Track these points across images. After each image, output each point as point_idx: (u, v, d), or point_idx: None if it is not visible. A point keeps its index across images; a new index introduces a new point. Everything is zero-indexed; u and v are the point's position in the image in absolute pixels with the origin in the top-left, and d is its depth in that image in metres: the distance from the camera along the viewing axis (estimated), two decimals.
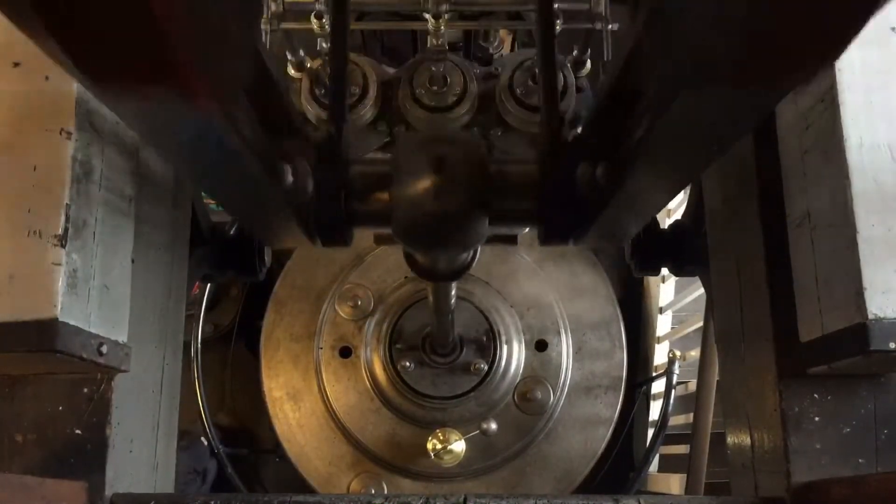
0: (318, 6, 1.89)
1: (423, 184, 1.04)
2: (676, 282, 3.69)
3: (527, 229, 1.32)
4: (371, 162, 1.19)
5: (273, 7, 1.97)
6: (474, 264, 1.44)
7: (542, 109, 1.23)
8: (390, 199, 1.08)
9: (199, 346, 3.40)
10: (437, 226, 1.08)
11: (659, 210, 1.73)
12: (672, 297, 3.73)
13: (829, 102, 1.31)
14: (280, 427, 3.35)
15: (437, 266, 1.46)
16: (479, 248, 1.31)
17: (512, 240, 1.40)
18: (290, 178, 1.03)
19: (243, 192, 0.96)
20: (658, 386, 3.64)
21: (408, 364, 3.18)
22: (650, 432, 3.57)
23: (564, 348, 3.35)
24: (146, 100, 0.61)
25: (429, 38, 2.02)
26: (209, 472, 3.47)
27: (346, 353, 3.32)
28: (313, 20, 1.90)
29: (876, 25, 1.30)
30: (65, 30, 0.50)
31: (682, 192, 3.68)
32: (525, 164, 1.16)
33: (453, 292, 2.17)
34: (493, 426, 3.15)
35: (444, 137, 1.15)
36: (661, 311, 3.78)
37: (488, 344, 3.22)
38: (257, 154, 0.87)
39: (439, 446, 3.06)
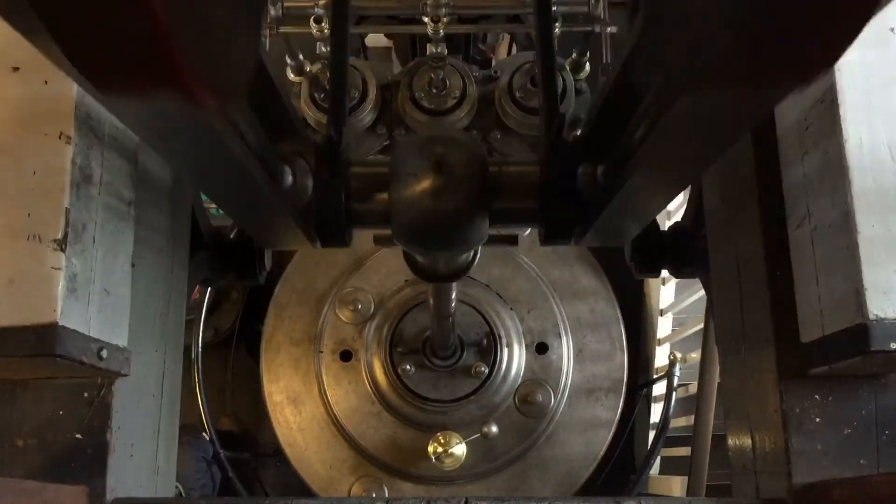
0: (317, 10, 1.89)
1: (423, 184, 1.04)
2: (677, 284, 3.69)
3: (528, 230, 1.32)
4: (370, 163, 1.19)
5: (273, 11, 1.97)
6: (474, 265, 1.43)
7: (541, 109, 1.23)
8: (389, 200, 1.07)
9: (200, 350, 3.40)
10: (437, 226, 1.07)
11: (659, 211, 1.72)
12: (672, 299, 3.73)
13: (829, 103, 1.31)
14: (281, 431, 3.35)
15: (437, 267, 1.45)
16: (479, 249, 1.31)
17: (513, 240, 1.40)
18: (289, 180, 1.03)
19: (243, 193, 0.96)
20: (659, 388, 3.64)
21: (408, 367, 3.18)
22: (651, 435, 3.57)
23: (565, 351, 3.35)
24: (147, 102, 0.61)
25: (428, 44, 2.02)
26: (213, 465, 3.47)
27: (346, 356, 3.32)
28: (313, 24, 1.90)
29: (875, 26, 1.30)
30: (64, 31, 0.50)
31: (682, 194, 3.69)
32: (526, 164, 1.16)
33: (454, 294, 2.17)
34: (494, 429, 3.14)
35: (443, 137, 1.14)
36: (661, 313, 3.78)
37: (489, 347, 3.22)
38: (257, 156, 0.87)
39: (440, 450, 3.06)
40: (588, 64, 2.14)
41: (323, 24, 1.89)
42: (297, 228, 1.09)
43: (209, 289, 3.53)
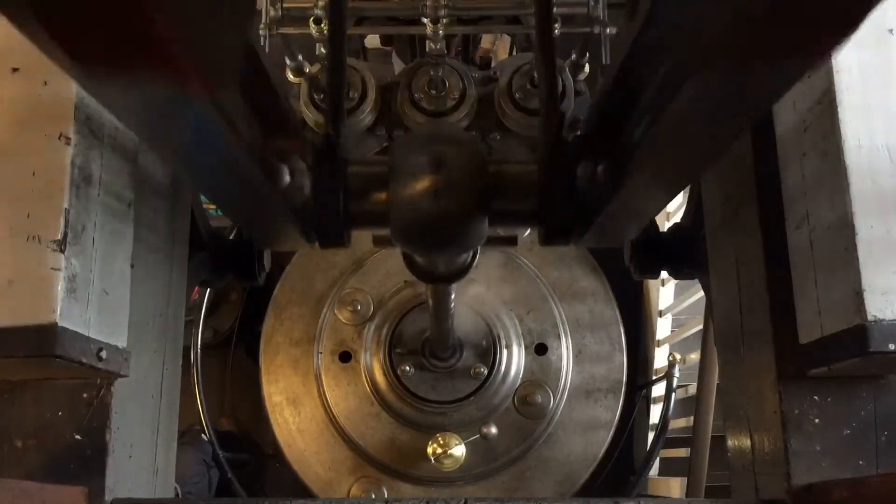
0: (316, 11, 1.89)
1: (422, 183, 1.03)
2: (676, 285, 3.69)
3: (527, 231, 1.31)
4: (369, 162, 1.17)
5: (272, 12, 1.98)
6: (474, 266, 1.42)
7: (541, 109, 1.22)
8: (388, 199, 1.06)
9: (199, 350, 3.40)
10: (436, 226, 1.06)
11: (658, 211, 1.72)
12: (672, 300, 3.73)
13: (828, 104, 1.31)
14: (280, 432, 3.35)
15: (437, 268, 1.44)
16: (478, 250, 1.30)
17: (512, 241, 1.40)
18: (286, 178, 1.02)
19: (240, 192, 0.95)
20: (658, 389, 3.64)
21: (408, 368, 3.18)
22: (650, 436, 3.57)
23: (564, 352, 3.35)
24: (135, 84, 0.60)
25: (427, 42, 2.02)
26: (212, 467, 3.47)
27: (345, 357, 3.32)
28: (312, 25, 1.90)
29: (873, 27, 1.30)
30: (47, 11, 0.50)
31: (682, 195, 3.69)
32: (525, 164, 1.16)
33: (453, 296, 2.17)
34: (494, 430, 3.14)
35: (442, 136, 1.14)
36: (660, 314, 3.78)
37: (488, 348, 3.21)
38: (253, 152, 0.86)
39: (439, 450, 3.06)
40: (587, 65, 2.14)
41: (322, 25, 1.89)
42: (296, 228, 1.08)
43: (208, 289, 3.53)
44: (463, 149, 1.07)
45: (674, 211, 3.67)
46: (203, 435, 3.38)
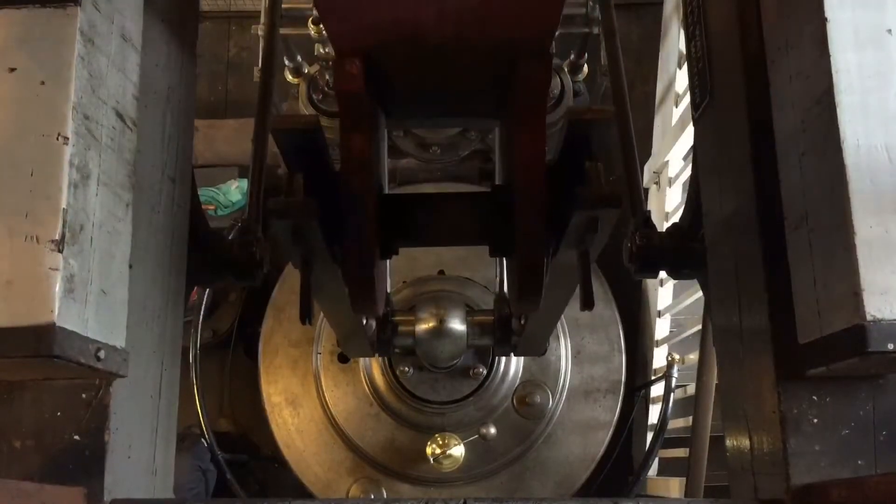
0: (315, 12, 1.90)
1: (431, 328, 2.52)
2: (675, 285, 3.69)
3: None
4: (404, 312, 2.56)
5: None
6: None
7: (495, 296, 2.25)
8: (414, 336, 2.55)
9: (198, 351, 3.40)
10: (437, 350, 2.57)
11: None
12: (670, 300, 3.74)
13: (826, 104, 1.31)
14: (279, 433, 3.35)
15: (439, 362, 2.90)
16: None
17: (485, 348, 3.05)
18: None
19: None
20: (657, 389, 3.64)
21: (406, 369, 3.18)
22: (649, 436, 3.57)
23: (563, 352, 3.35)
24: None
25: None
26: (209, 473, 3.47)
27: (344, 358, 3.32)
28: (311, 26, 1.90)
29: (872, 27, 1.30)
30: None
31: (680, 195, 3.69)
32: (486, 314, 2.49)
33: None
34: (493, 431, 3.15)
35: (443, 303, 2.49)
36: (659, 314, 3.78)
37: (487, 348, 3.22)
38: None
39: (438, 451, 3.06)
40: (586, 66, 2.14)
41: (321, 26, 1.89)
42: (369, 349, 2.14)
43: (207, 290, 3.53)
44: (453, 311, 2.43)
45: (672, 211, 3.67)
46: (203, 439, 3.38)
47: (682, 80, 3.63)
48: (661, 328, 3.80)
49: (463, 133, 3.05)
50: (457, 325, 2.57)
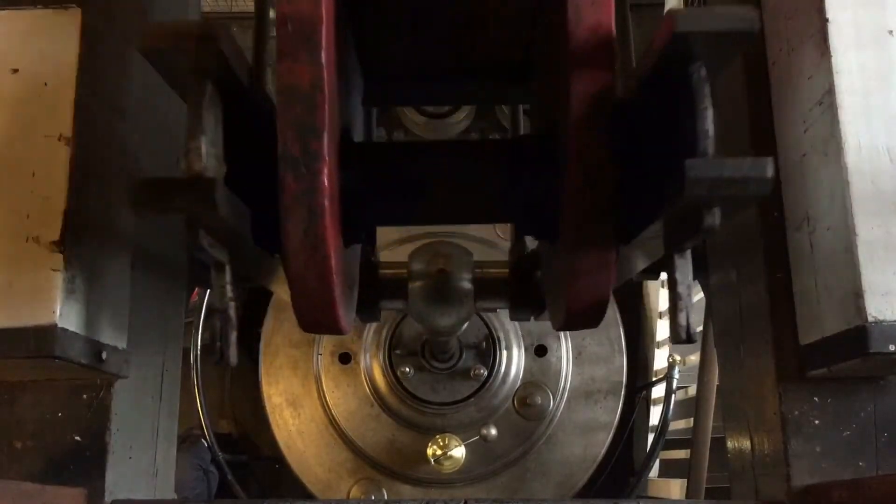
0: None
1: (430, 284, 1.53)
2: None
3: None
4: (394, 266, 1.64)
5: (272, 13, 1.97)
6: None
7: (511, 237, 1.71)
8: (408, 294, 1.55)
9: (199, 352, 3.39)
10: (438, 313, 1.58)
11: None
12: None
13: (828, 105, 1.31)
14: (280, 433, 3.34)
15: (440, 332, 1.96)
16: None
17: (493, 310, 2.12)
18: None
19: None
20: (658, 391, 3.64)
21: (407, 370, 3.17)
22: (650, 437, 3.57)
23: (564, 353, 3.34)
24: None
25: None
26: (211, 474, 3.47)
27: (345, 359, 3.32)
28: None
29: (873, 28, 1.30)
30: None
31: None
32: (501, 268, 1.68)
33: None
34: (493, 432, 3.14)
35: (444, 253, 1.57)
36: (660, 315, 3.77)
37: (488, 349, 3.21)
38: None
39: (439, 452, 3.06)
40: None
41: None
42: None
43: (208, 291, 3.52)
44: (457, 262, 1.54)
45: None
46: (202, 440, 3.37)
47: None
48: (663, 329, 3.80)
49: (463, 133, 3.05)
50: (464, 279, 1.79)
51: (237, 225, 0.93)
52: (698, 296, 3.20)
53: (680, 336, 1.01)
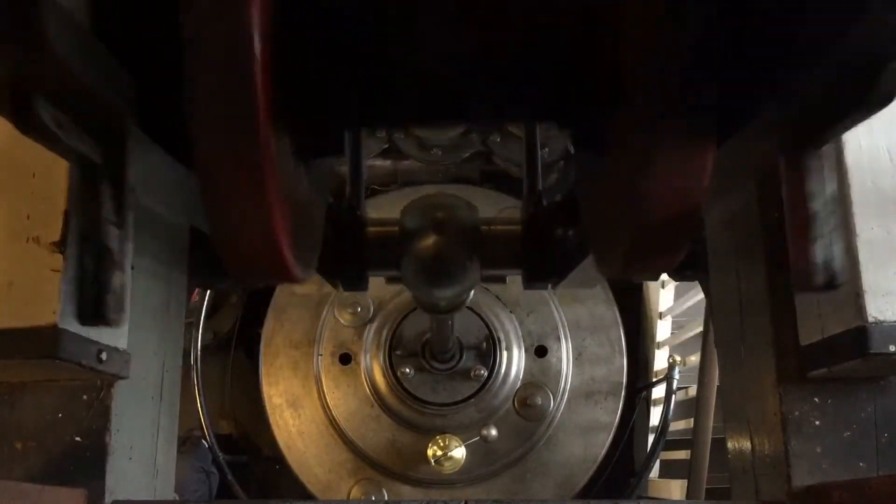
0: None
1: (427, 242, 1.23)
2: (676, 287, 3.69)
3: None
4: (384, 223, 1.38)
5: None
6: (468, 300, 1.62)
7: (525, 183, 1.46)
8: (400, 256, 1.28)
9: (199, 353, 3.40)
10: (438, 276, 1.29)
11: None
12: (671, 302, 3.73)
13: None
14: (280, 434, 3.34)
15: (439, 304, 1.65)
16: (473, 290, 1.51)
17: (501, 280, 1.62)
18: None
19: None
20: (658, 391, 3.64)
21: (407, 370, 3.17)
22: (650, 438, 3.57)
23: (564, 354, 3.34)
24: None
25: None
26: (212, 475, 3.47)
27: (345, 359, 3.32)
28: None
29: None
30: None
31: None
32: (510, 224, 1.37)
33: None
34: (494, 432, 3.14)
35: (442, 204, 1.30)
36: (660, 316, 3.77)
37: (488, 350, 3.21)
38: None
39: (439, 453, 3.06)
40: None
41: None
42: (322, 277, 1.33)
43: (208, 291, 3.53)
44: (458, 214, 1.27)
45: None
46: (203, 441, 3.38)
47: None
48: (663, 330, 3.80)
49: (464, 134, 3.05)
50: (466, 239, 1.35)
51: (99, 86, 0.63)
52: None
53: (815, 280, 0.66)
